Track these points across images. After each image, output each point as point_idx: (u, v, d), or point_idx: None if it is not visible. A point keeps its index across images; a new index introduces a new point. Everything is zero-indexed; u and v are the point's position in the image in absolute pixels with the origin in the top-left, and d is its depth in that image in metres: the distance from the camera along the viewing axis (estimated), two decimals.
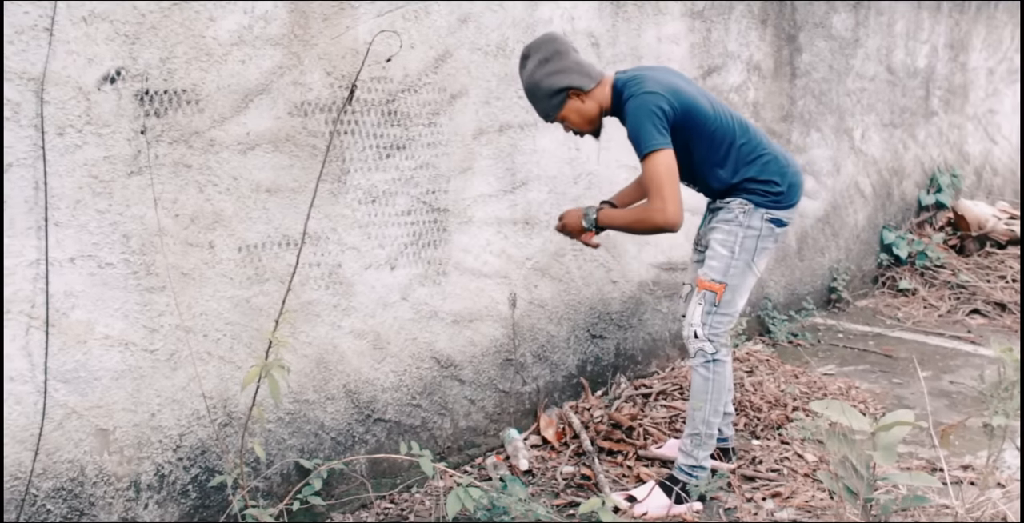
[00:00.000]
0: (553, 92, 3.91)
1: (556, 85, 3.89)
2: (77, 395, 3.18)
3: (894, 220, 8.23)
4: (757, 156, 4.03)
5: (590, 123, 4.02)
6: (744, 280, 4.06)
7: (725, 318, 4.04)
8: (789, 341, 6.54)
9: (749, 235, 4.00)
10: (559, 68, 3.89)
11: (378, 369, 4.12)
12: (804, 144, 6.85)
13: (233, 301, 3.57)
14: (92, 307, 3.17)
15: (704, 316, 4.02)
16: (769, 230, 4.03)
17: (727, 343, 4.07)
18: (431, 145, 4.20)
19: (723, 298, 4.01)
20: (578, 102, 3.95)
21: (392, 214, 4.08)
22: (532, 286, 4.80)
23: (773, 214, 4.02)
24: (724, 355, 4.05)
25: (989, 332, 6.84)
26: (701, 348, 4.03)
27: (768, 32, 6.31)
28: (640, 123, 3.78)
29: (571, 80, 3.90)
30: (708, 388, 4.06)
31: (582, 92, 3.93)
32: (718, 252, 4.04)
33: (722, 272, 4.02)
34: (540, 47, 3.92)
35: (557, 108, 3.96)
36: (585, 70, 3.94)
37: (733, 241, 4.01)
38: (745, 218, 4.01)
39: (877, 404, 5.30)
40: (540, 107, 3.99)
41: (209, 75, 3.39)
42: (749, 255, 4.02)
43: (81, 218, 3.11)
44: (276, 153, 3.62)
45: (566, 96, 3.93)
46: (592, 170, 4.95)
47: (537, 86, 3.92)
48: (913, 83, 8.11)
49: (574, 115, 3.98)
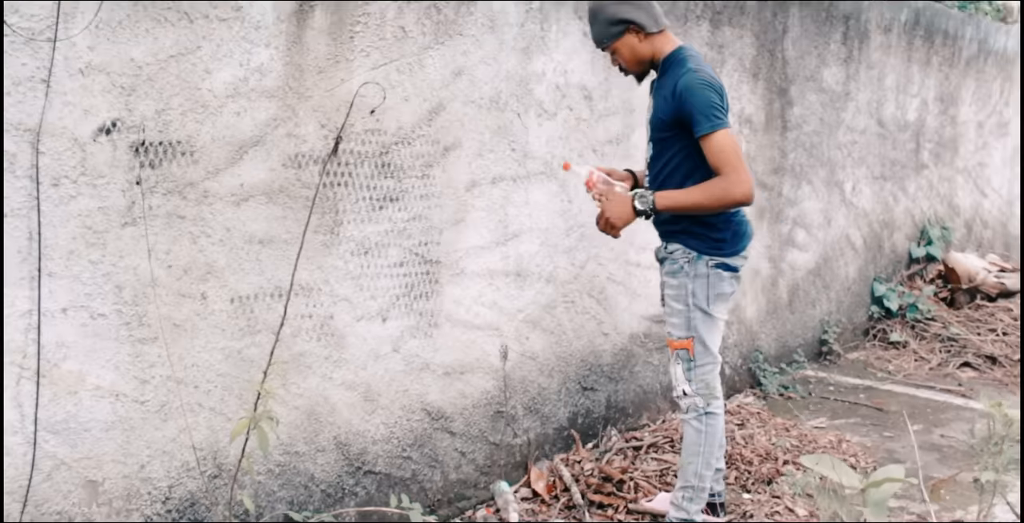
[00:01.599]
0: (615, 21, 3.90)
1: (620, 14, 3.88)
2: (67, 446, 3.17)
3: (885, 272, 8.26)
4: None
5: (639, 64, 4.01)
6: (710, 328, 4.02)
7: (707, 367, 4.03)
8: (780, 393, 6.53)
9: (698, 284, 3.97)
10: (632, 1, 3.89)
11: (369, 421, 4.11)
12: (795, 197, 6.88)
13: (225, 352, 3.56)
14: (83, 358, 3.17)
15: (686, 373, 4.01)
16: (717, 276, 3.99)
17: (719, 394, 4.06)
18: (424, 197, 4.22)
19: (696, 351, 4.00)
20: (635, 40, 3.93)
21: (384, 266, 4.09)
22: (524, 338, 4.80)
23: (718, 260, 3.98)
24: (716, 407, 4.04)
25: (980, 385, 6.84)
26: (693, 403, 4.02)
27: (760, 85, 6.36)
28: (708, 98, 3.76)
29: (637, 16, 3.88)
30: (701, 440, 4.05)
31: (642, 31, 3.91)
32: (674, 308, 4.02)
33: (685, 327, 4.00)
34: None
35: (613, 37, 3.93)
36: (654, 14, 3.93)
37: (684, 294, 3.99)
38: (690, 268, 3.97)
39: (868, 458, 5.29)
40: (596, 30, 3.98)
41: (204, 127, 3.41)
42: (704, 303, 3.98)
43: (74, 269, 3.11)
44: (270, 204, 3.63)
45: (625, 29, 3.90)
46: (584, 222, 4.96)
47: (602, 9, 3.91)
48: (903, 136, 8.17)
49: (627, 50, 3.96)
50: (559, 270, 4.95)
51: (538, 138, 4.74)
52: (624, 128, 5.25)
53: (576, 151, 4.96)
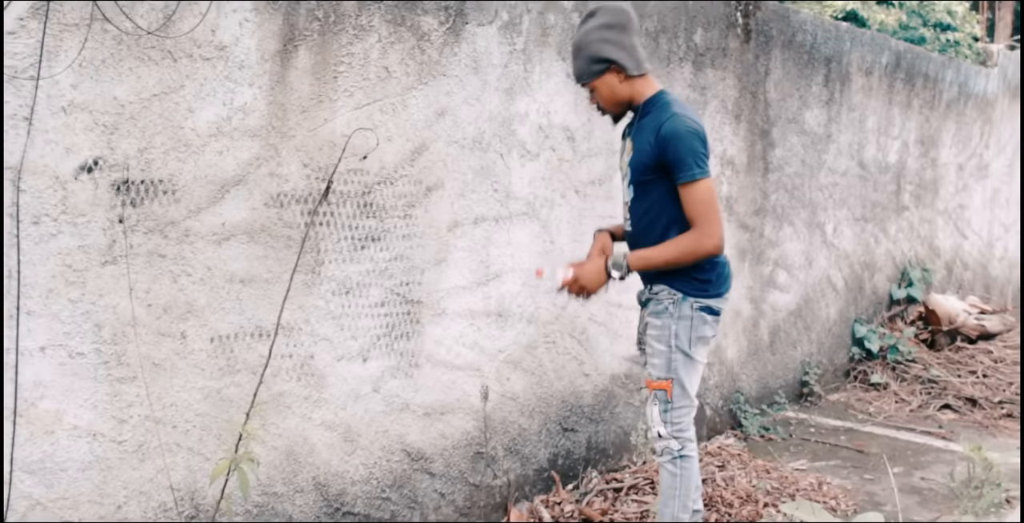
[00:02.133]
0: (598, 59, 3.88)
1: (603, 53, 3.86)
2: (43, 486, 3.14)
3: (866, 314, 8.27)
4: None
5: (617, 105, 4.00)
6: (689, 371, 4.01)
7: (683, 410, 4.01)
8: (761, 435, 6.52)
9: (682, 326, 3.97)
10: (616, 40, 3.86)
11: (348, 462, 4.09)
12: (777, 238, 6.90)
13: (204, 392, 3.55)
14: (61, 397, 3.15)
15: (662, 414, 3.99)
16: (701, 319, 3.99)
17: (692, 437, 4.04)
18: (406, 237, 4.22)
19: (674, 392, 3.98)
20: (615, 80, 3.91)
21: (366, 306, 4.08)
22: (504, 379, 4.79)
23: (702, 303, 3.99)
24: (691, 451, 4.02)
25: (960, 428, 6.84)
26: (667, 446, 4.00)
27: (742, 127, 6.39)
28: (692, 146, 3.76)
29: (620, 56, 3.87)
30: (676, 484, 4.03)
31: (623, 72, 3.90)
32: (656, 349, 4.01)
33: (665, 368, 3.99)
34: (609, 12, 3.89)
35: (594, 75, 3.91)
36: (638, 56, 3.91)
37: (668, 335, 3.98)
38: (675, 309, 3.97)
39: (848, 500, 5.27)
40: (578, 66, 3.96)
41: (186, 166, 3.41)
42: (686, 345, 3.98)
43: (53, 307, 3.10)
44: (251, 244, 3.63)
45: (607, 68, 3.89)
46: (566, 262, 4.96)
47: (587, 46, 3.89)
48: (884, 178, 8.21)
49: (606, 89, 3.94)
50: (540, 310, 4.95)
51: (521, 179, 4.75)
52: (607, 169, 5.26)
53: (559, 192, 4.97)
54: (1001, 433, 6.72)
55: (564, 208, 5.03)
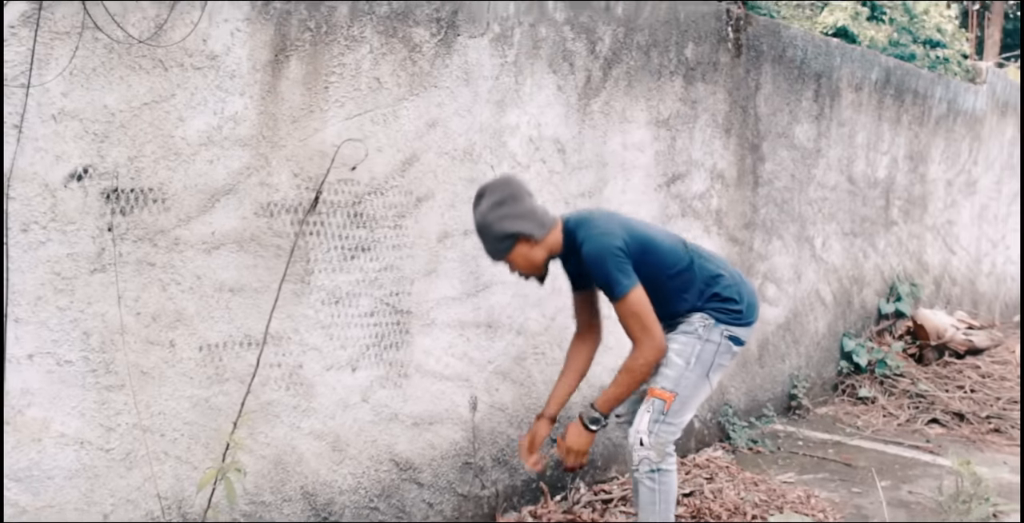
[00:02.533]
0: (503, 236, 3.92)
1: (507, 230, 3.91)
2: (29, 494, 3.13)
3: (854, 328, 8.29)
4: (717, 275, 4.12)
5: (536, 269, 4.05)
6: (695, 392, 4.05)
7: (672, 428, 4.01)
8: (749, 447, 6.52)
9: (707, 349, 4.02)
10: (512, 213, 3.91)
11: (336, 471, 4.09)
12: (766, 252, 6.91)
13: (192, 401, 3.54)
14: (48, 405, 3.15)
15: (651, 424, 3.99)
16: (727, 347, 4.07)
17: (672, 452, 4.05)
18: (396, 247, 4.23)
19: (672, 407, 3.99)
20: (526, 248, 3.97)
21: (355, 315, 4.08)
22: (493, 389, 4.79)
23: (732, 331, 4.06)
24: (669, 464, 4.02)
25: (947, 442, 6.85)
26: (646, 457, 4.00)
27: (732, 141, 6.41)
28: (605, 268, 3.85)
29: (522, 227, 3.91)
30: (656, 499, 4.03)
31: (532, 239, 3.95)
32: (673, 361, 4.03)
33: (674, 381, 4.01)
34: (496, 189, 3.94)
35: (505, 251, 3.97)
36: (538, 218, 3.97)
37: (690, 352, 4.02)
38: (705, 332, 4.03)
39: (836, 514, 5.27)
40: (488, 247, 4.01)
41: (177, 174, 3.41)
42: (704, 368, 4.02)
43: (41, 315, 3.10)
44: (241, 253, 3.63)
45: (515, 241, 3.94)
46: (556, 272, 4.96)
47: (488, 227, 3.93)
48: (873, 193, 8.24)
49: (521, 260, 4.00)
50: (530, 322, 4.95)
51: None
52: (597, 181, 5.27)
53: (549, 203, 4.97)
54: (988, 448, 6.73)
55: None
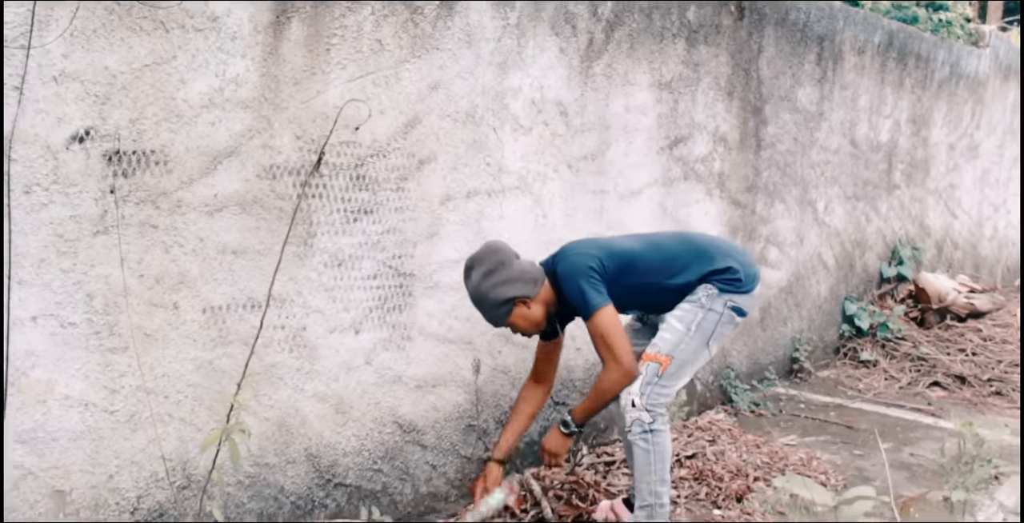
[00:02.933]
0: (500, 303, 4.01)
1: (502, 297, 3.99)
2: (34, 456, 3.14)
3: (856, 291, 8.29)
4: (712, 256, 4.18)
5: (537, 326, 4.13)
6: (693, 358, 4.10)
7: (665, 391, 4.05)
8: (751, 410, 6.54)
9: (709, 317, 4.06)
10: (504, 279, 3.99)
11: (340, 433, 4.10)
12: (768, 215, 6.90)
13: (196, 363, 3.55)
14: (52, 367, 3.15)
15: (644, 386, 4.02)
16: (730, 317, 4.12)
17: (664, 413, 4.07)
18: (398, 210, 4.22)
19: (667, 370, 4.03)
20: (524, 309, 4.05)
21: (358, 278, 4.08)
22: (496, 352, 4.80)
23: (735, 302, 4.10)
24: (661, 424, 4.04)
25: (949, 405, 6.87)
26: (638, 417, 4.02)
27: (734, 104, 6.39)
28: (577, 286, 3.98)
29: (516, 291, 4.00)
30: (650, 459, 4.06)
31: (527, 299, 4.03)
32: (673, 326, 4.07)
33: (672, 345, 4.04)
34: (483, 259, 4.02)
35: (505, 316, 4.06)
36: (529, 276, 4.05)
37: (691, 319, 4.06)
38: (708, 301, 4.07)
39: (838, 475, 5.29)
40: (488, 315, 4.09)
41: (178, 136, 3.40)
42: (705, 337, 4.07)
43: (45, 277, 3.10)
44: (243, 215, 3.62)
45: (512, 305, 4.02)
46: (560, 236, 4.96)
47: (484, 297, 4.01)
48: (876, 157, 8.22)
49: (521, 321, 4.08)
50: None
51: (513, 153, 4.75)
52: (600, 144, 5.26)
53: (551, 166, 4.96)
54: (990, 410, 6.75)
55: (557, 182, 5.03)
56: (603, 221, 5.31)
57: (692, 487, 5.01)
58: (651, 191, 5.72)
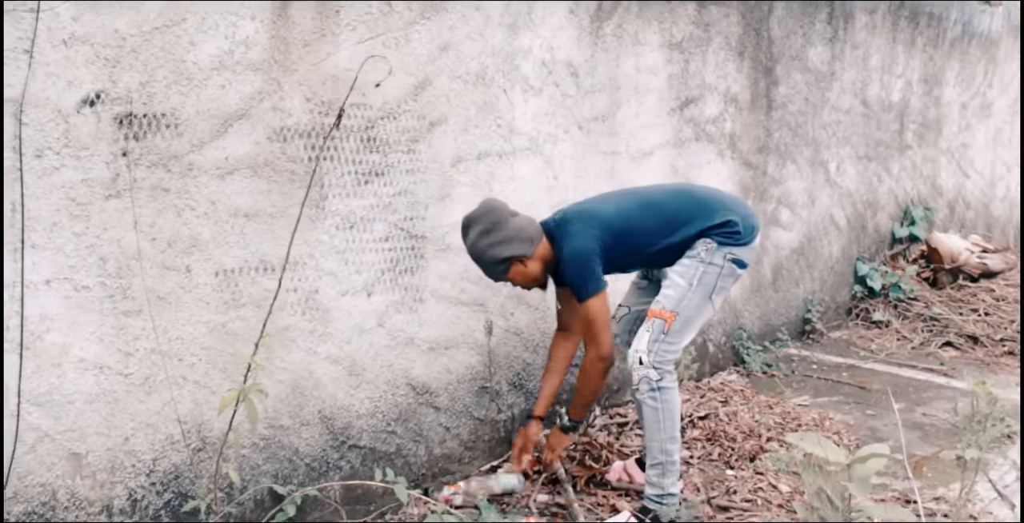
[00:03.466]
0: (497, 262, 4.06)
1: (499, 255, 4.04)
2: (51, 418, 3.16)
3: (868, 252, 8.27)
4: (710, 207, 4.17)
5: (536, 281, 4.21)
6: (697, 313, 4.10)
7: (671, 347, 4.05)
8: (763, 371, 6.54)
9: (710, 271, 4.06)
10: (500, 238, 4.03)
11: (353, 395, 4.11)
12: (780, 176, 6.88)
13: (209, 326, 3.55)
14: (67, 330, 3.16)
15: (651, 343, 4.03)
16: (730, 269, 4.11)
17: (672, 370, 4.08)
18: (409, 172, 4.21)
19: (672, 327, 4.03)
20: (521, 266, 4.11)
21: (370, 240, 4.08)
22: (508, 313, 4.80)
23: (735, 254, 4.09)
24: (669, 381, 4.05)
25: (961, 365, 6.87)
26: (646, 375, 4.03)
27: (745, 64, 6.35)
28: (577, 271, 4.04)
29: (512, 250, 4.05)
30: (659, 417, 4.06)
31: (524, 258, 4.08)
32: (675, 282, 4.08)
33: (676, 302, 4.05)
34: (479, 219, 4.05)
35: (503, 273, 4.12)
36: (526, 235, 4.09)
37: (692, 275, 4.06)
38: (708, 255, 4.06)
39: (851, 435, 5.30)
40: (486, 272, 4.17)
41: (189, 99, 3.39)
42: (707, 291, 4.07)
43: (58, 241, 3.10)
44: (255, 178, 3.62)
45: (509, 264, 4.08)
46: (570, 198, 4.95)
47: (481, 255, 4.08)
48: (888, 117, 8.18)
49: (519, 277, 4.15)
50: None
51: (524, 114, 4.73)
52: (610, 105, 5.24)
53: (562, 127, 4.95)
54: (1002, 370, 6.74)
55: (567, 144, 5.01)
56: (614, 182, 5.29)
57: (705, 448, 5.03)
58: (662, 152, 5.70)
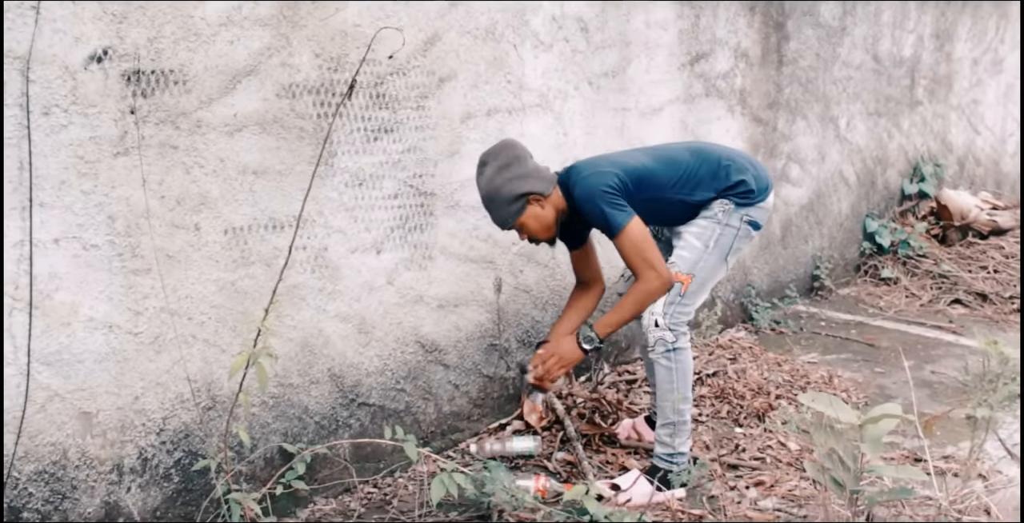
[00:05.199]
0: (514, 198, 3.94)
1: (517, 191, 3.93)
2: (60, 378, 3.15)
3: (877, 209, 8.24)
4: (727, 167, 4.11)
5: (547, 230, 4.07)
6: (712, 275, 4.10)
7: (686, 309, 4.04)
8: (772, 328, 6.54)
9: (727, 233, 4.05)
10: (519, 174, 3.94)
11: (363, 353, 4.11)
12: (790, 132, 6.84)
13: (218, 284, 3.54)
14: (76, 289, 3.15)
15: (667, 306, 4.01)
16: (746, 231, 4.11)
17: (687, 331, 4.07)
18: (419, 128, 4.18)
19: (689, 289, 4.01)
20: (537, 208, 4.00)
21: (379, 198, 4.06)
22: (518, 271, 4.78)
23: (751, 216, 4.08)
24: (684, 342, 4.04)
25: (970, 322, 6.86)
26: (661, 337, 4.02)
27: (756, 19, 6.29)
28: (599, 207, 3.89)
29: (531, 186, 3.94)
30: (672, 377, 4.05)
31: (542, 197, 3.98)
32: (691, 244, 4.06)
33: (692, 264, 4.03)
34: (499, 153, 3.96)
35: (516, 214, 3.98)
36: (544, 175, 4.01)
37: (709, 236, 4.05)
38: (724, 217, 4.05)
39: (859, 393, 5.31)
40: (498, 214, 4.01)
41: (197, 55, 3.36)
42: (723, 252, 4.06)
43: (66, 199, 3.08)
44: (263, 135, 3.59)
45: (526, 202, 3.97)
46: (579, 155, 4.92)
47: (497, 192, 3.94)
48: (899, 72, 8.11)
49: (532, 221, 4.01)
50: None
51: (534, 70, 4.69)
52: (620, 61, 5.20)
53: (572, 83, 4.91)
54: (1011, 328, 6.73)
55: (577, 100, 4.98)
56: (624, 139, 5.26)
57: (714, 405, 5.03)
58: (672, 108, 5.66)
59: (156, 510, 3.50)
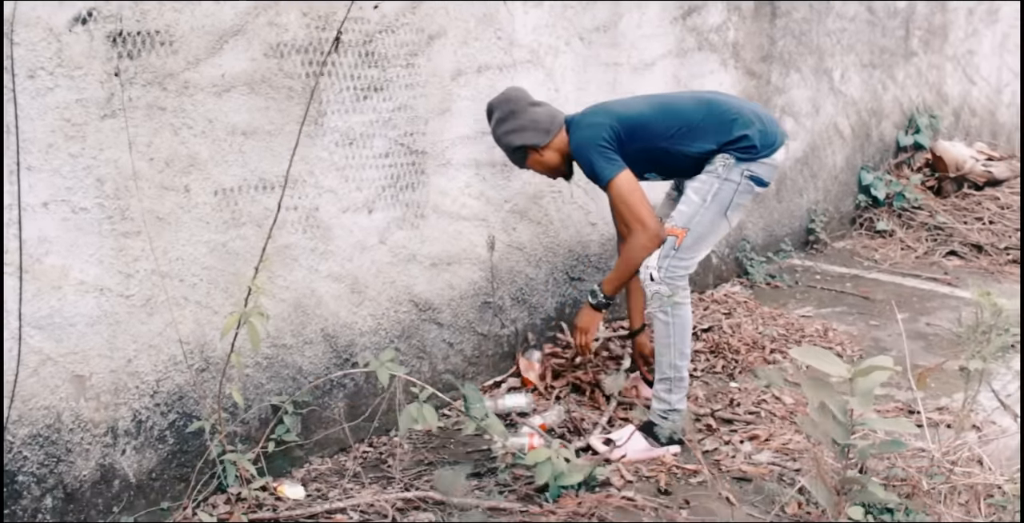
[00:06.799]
0: (513, 149, 4.16)
1: (512, 143, 4.15)
2: (52, 341, 3.15)
3: (872, 161, 8.21)
4: (729, 120, 4.08)
5: (555, 171, 4.27)
6: (711, 229, 4.08)
7: (682, 263, 4.04)
8: (767, 282, 6.54)
9: (726, 187, 4.03)
10: (514, 127, 4.12)
11: (356, 313, 4.11)
12: (784, 85, 6.80)
13: (209, 245, 3.53)
14: (66, 252, 3.14)
15: (661, 260, 4.01)
16: (748, 186, 4.07)
17: (685, 286, 4.06)
18: (409, 87, 4.16)
19: (683, 243, 4.01)
20: (537, 156, 4.18)
21: (369, 157, 4.05)
22: (511, 229, 4.77)
23: (753, 171, 4.05)
24: (683, 298, 4.04)
25: (965, 274, 6.86)
26: (657, 291, 4.02)
27: None
28: (589, 159, 4.03)
29: (525, 139, 4.12)
30: (670, 332, 4.06)
31: (537, 148, 4.13)
32: (690, 198, 4.06)
33: (687, 218, 4.03)
34: (498, 106, 4.19)
35: (522, 161, 4.22)
36: (541, 126, 4.13)
37: (707, 190, 4.04)
38: (725, 171, 4.03)
39: (854, 346, 5.32)
40: (509, 158, 4.27)
41: (183, 16, 3.33)
42: (722, 207, 4.04)
43: (54, 162, 3.06)
44: (252, 95, 3.57)
45: (525, 152, 4.15)
46: (571, 111, 4.89)
47: (499, 143, 4.23)
48: (893, 23, 8.06)
49: (538, 166, 4.24)
50: None
51: (524, 26, 4.66)
52: (612, 15, 5.16)
53: (563, 39, 4.88)
54: (1007, 279, 6.74)
55: (569, 55, 4.95)
56: (616, 94, 5.22)
57: (708, 360, 5.05)
58: (665, 63, 5.63)
59: (151, 472, 3.51)
